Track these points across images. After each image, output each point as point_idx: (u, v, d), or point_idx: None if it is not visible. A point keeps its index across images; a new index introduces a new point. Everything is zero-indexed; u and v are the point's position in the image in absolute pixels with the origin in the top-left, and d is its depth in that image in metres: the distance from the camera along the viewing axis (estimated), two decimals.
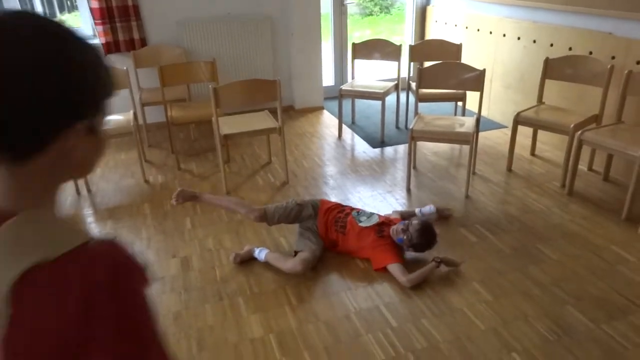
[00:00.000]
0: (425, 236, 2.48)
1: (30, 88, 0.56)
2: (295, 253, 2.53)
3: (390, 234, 2.53)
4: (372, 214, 2.64)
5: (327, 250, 2.62)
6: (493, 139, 4.11)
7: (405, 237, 2.46)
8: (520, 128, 3.44)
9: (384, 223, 2.59)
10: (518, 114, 3.40)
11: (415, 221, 2.50)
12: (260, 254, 2.57)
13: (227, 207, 2.86)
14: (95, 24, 4.17)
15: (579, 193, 3.19)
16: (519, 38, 4.04)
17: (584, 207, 3.02)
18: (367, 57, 4.49)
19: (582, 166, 3.42)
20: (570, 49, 3.56)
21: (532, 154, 3.80)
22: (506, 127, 4.25)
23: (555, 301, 2.23)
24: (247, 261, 2.59)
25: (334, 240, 2.59)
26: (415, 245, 2.48)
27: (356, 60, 4.48)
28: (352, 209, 2.68)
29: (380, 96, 4.13)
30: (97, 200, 3.36)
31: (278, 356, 1.98)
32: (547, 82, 3.51)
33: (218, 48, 4.52)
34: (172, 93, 3.98)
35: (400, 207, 3.10)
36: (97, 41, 4.24)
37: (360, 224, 2.55)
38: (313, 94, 5.08)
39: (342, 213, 2.63)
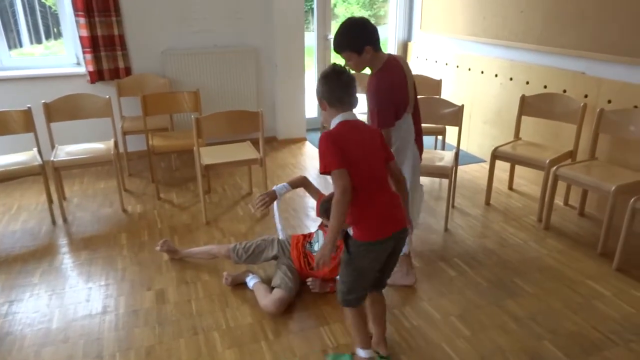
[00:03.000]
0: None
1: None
2: (273, 289, 2.49)
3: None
4: (317, 231, 2.59)
5: (304, 284, 2.59)
6: (472, 173, 4.18)
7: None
8: (498, 162, 3.51)
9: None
10: (496, 149, 3.48)
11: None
12: (251, 281, 2.56)
13: (206, 253, 2.84)
14: (84, 52, 4.19)
15: (555, 227, 3.24)
16: (496, 75, 4.16)
17: (560, 241, 3.07)
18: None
19: (559, 201, 3.49)
20: (545, 86, 3.68)
21: (510, 188, 3.86)
22: (484, 161, 4.33)
23: (532, 336, 2.23)
24: (237, 285, 2.61)
25: (312, 275, 2.57)
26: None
27: None
28: (309, 237, 2.61)
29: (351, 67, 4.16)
30: (72, 229, 3.30)
31: None
32: (524, 118, 3.61)
33: (202, 78, 4.57)
34: (154, 122, 3.99)
35: None
36: (82, 70, 4.25)
37: (315, 254, 2.52)
38: (296, 125, 5.12)
39: (307, 244, 2.59)
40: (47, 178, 3.32)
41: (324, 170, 1.73)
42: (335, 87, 1.81)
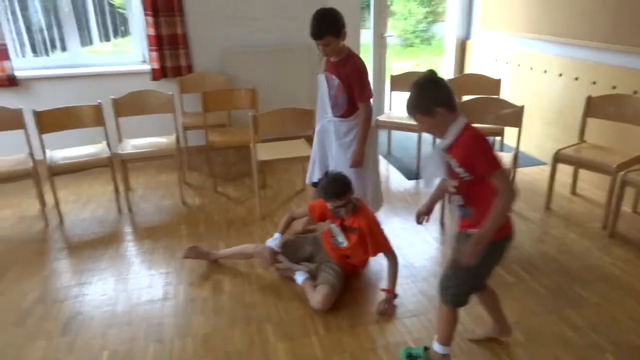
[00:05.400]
0: (330, 186, 2.46)
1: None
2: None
3: (334, 231, 2.58)
4: (331, 226, 2.63)
5: (350, 277, 2.62)
6: (531, 175, 4.03)
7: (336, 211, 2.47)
8: (560, 166, 3.37)
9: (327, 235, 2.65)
10: (558, 152, 3.34)
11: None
12: (299, 277, 2.58)
13: (240, 253, 2.82)
14: (150, 50, 4.40)
15: (622, 235, 3.07)
16: (560, 75, 4.00)
17: (627, 250, 2.91)
18: (405, 89, 4.50)
19: (626, 207, 3.31)
20: (614, 87, 3.49)
21: (573, 192, 3.70)
22: (545, 163, 4.17)
23: (592, 347, 2.14)
24: (287, 278, 2.66)
25: (345, 255, 2.58)
26: (328, 193, 2.45)
27: (394, 92, 4.53)
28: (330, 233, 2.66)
29: (418, 129, 4.14)
30: (137, 219, 3.48)
31: None
32: (589, 120, 3.44)
33: (259, 76, 4.66)
34: (213, 118, 4.13)
35: (434, 242, 3.08)
36: (148, 67, 4.46)
37: (343, 245, 2.57)
38: None
39: (332, 239, 2.63)
40: (115, 169, 3.53)
41: (492, 169, 1.66)
42: (449, 91, 1.74)
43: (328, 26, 2.57)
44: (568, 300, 2.47)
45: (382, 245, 2.53)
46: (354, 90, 2.69)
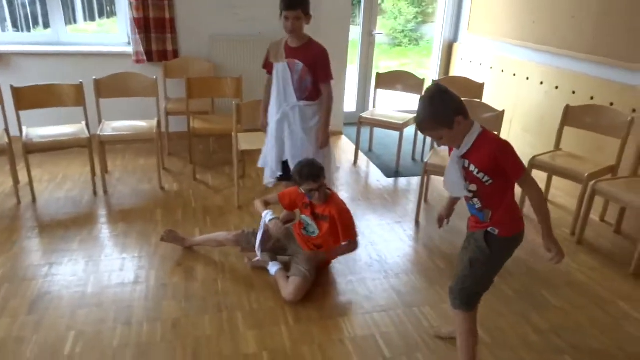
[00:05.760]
0: (305, 169, 2.50)
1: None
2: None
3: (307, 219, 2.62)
4: (301, 216, 2.68)
5: (321, 269, 2.66)
6: None
7: (307, 194, 2.51)
8: (535, 172, 3.44)
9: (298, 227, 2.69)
10: (534, 158, 3.41)
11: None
12: (272, 268, 2.60)
13: (213, 241, 2.82)
14: (135, 32, 4.32)
15: (589, 243, 3.16)
16: (541, 83, 4.07)
17: (593, 257, 3.00)
18: (390, 87, 4.56)
19: (595, 216, 3.40)
20: (592, 98, 3.57)
21: (545, 199, 3.78)
22: None
23: (553, 349, 2.21)
24: (260, 269, 2.67)
25: (316, 245, 2.62)
26: (303, 176, 2.49)
27: (379, 90, 4.56)
28: (300, 225, 2.69)
29: (399, 127, 4.18)
30: (112, 201, 3.45)
31: None
32: (566, 129, 3.52)
33: (245, 65, 4.64)
34: (196, 105, 4.10)
35: (408, 240, 3.12)
36: (131, 49, 4.39)
37: (314, 235, 2.62)
38: (334, 118, 5.07)
39: (303, 230, 2.67)
40: (92, 151, 3.48)
41: (523, 173, 1.70)
42: (460, 98, 1.70)
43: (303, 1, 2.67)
44: (534, 303, 2.53)
45: (350, 231, 2.57)
46: (318, 73, 2.79)
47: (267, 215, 2.62)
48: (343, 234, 2.55)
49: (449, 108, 1.66)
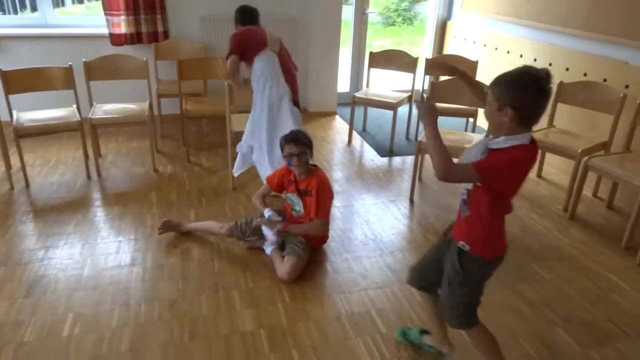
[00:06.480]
0: (291, 134, 2.60)
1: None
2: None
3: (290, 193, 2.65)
4: (287, 195, 2.72)
5: (315, 248, 2.69)
6: None
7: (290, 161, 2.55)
8: None
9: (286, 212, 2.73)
10: None
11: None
12: (268, 248, 2.63)
13: (205, 229, 2.84)
14: (124, 14, 4.24)
15: (581, 218, 3.19)
16: (535, 60, 4.06)
17: (584, 232, 3.03)
18: (384, 66, 4.54)
19: (587, 192, 3.43)
20: (585, 74, 3.57)
21: (539, 175, 3.81)
22: None
23: (544, 321, 2.25)
24: (256, 249, 2.70)
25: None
26: (287, 138, 2.57)
27: (372, 69, 4.53)
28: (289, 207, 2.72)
29: (393, 106, 4.17)
30: (106, 185, 3.44)
31: (267, 351, 2.02)
32: (560, 105, 3.52)
33: None
34: (188, 87, 4.07)
35: (402, 218, 3.14)
36: (121, 31, 4.31)
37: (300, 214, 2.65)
38: (327, 98, 5.14)
39: (293, 212, 2.70)
40: (84, 134, 3.46)
41: (495, 189, 1.50)
42: (539, 105, 1.44)
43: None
44: (525, 276, 2.57)
45: (322, 208, 2.55)
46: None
47: (267, 213, 2.65)
48: (315, 209, 2.54)
49: (517, 97, 1.42)
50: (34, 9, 4.42)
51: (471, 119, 4.13)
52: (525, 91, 1.42)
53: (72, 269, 2.51)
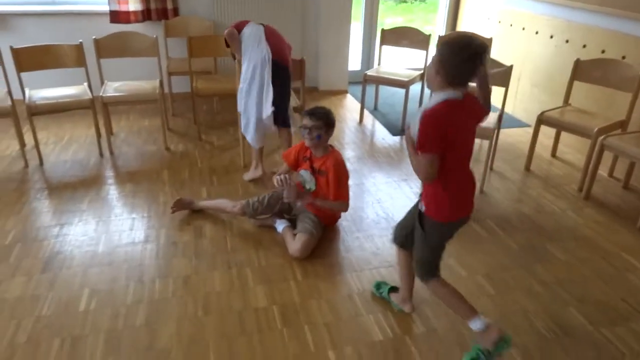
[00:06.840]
0: (316, 107, 2.57)
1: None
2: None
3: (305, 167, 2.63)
4: (299, 173, 2.69)
5: (328, 226, 2.69)
6: (515, 137, 4.07)
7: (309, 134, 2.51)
8: (543, 128, 3.40)
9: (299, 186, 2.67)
10: (542, 113, 3.37)
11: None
12: (279, 226, 2.64)
13: (217, 207, 2.84)
14: None
15: (596, 198, 3.16)
16: (551, 36, 3.97)
17: (600, 212, 3.00)
18: (396, 44, 4.46)
19: (603, 172, 3.39)
20: (603, 51, 3.49)
21: (553, 155, 3.76)
22: (529, 126, 4.21)
23: (557, 301, 2.24)
24: (267, 227, 2.71)
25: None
26: (308, 111, 2.55)
27: (384, 47, 4.46)
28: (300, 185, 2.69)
29: (405, 84, 4.12)
30: (119, 162, 3.46)
31: (279, 326, 2.04)
32: (576, 83, 3.45)
33: None
34: (199, 65, 4.03)
35: (414, 197, 3.13)
36: (134, 7, 4.28)
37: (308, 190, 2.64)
38: (338, 76, 5.08)
39: (305, 188, 2.67)
40: (96, 112, 3.46)
41: (419, 150, 1.65)
42: (459, 63, 1.58)
43: None
44: (538, 256, 2.56)
45: (341, 190, 2.55)
46: None
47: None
48: (334, 192, 2.53)
49: (445, 60, 1.59)
50: None
51: None
52: (456, 54, 1.58)
53: (87, 245, 2.54)
